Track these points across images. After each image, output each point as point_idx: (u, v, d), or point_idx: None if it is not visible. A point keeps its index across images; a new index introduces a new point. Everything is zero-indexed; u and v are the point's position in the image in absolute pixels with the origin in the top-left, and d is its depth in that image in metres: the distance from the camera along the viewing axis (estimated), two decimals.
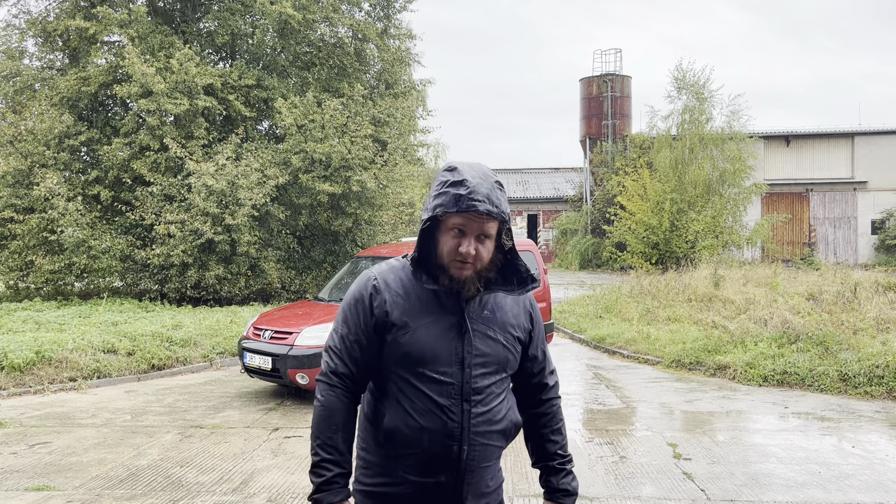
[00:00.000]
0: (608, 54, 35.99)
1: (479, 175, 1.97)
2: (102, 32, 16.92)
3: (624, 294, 15.93)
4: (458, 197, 1.92)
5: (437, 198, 1.96)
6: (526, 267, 2.08)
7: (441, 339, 1.97)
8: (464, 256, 1.93)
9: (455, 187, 1.93)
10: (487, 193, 1.93)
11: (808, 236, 33.89)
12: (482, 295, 2.04)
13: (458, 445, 1.95)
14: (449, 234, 1.96)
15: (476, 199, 1.91)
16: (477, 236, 1.95)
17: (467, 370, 1.97)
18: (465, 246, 1.93)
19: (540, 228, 38.60)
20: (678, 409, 7.82)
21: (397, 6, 20.31)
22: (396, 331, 1.97)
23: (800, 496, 5.10)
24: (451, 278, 1.96)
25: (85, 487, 5.37)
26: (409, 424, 1.94)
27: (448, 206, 1.92)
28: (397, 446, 1.97)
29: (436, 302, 2.00)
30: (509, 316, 2.10)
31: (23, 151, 16.40)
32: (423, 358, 1.95)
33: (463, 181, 1.93)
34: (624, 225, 26.88)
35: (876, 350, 8.82)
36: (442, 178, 1.99)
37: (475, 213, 1.91)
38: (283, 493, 5.23)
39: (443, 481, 1.97)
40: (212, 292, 15.81)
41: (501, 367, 2.04)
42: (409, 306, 1.99)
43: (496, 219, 1.95)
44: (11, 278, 16.68)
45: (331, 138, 16.44)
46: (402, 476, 1.98)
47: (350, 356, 2.02)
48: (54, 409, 7.91)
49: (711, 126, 27.07)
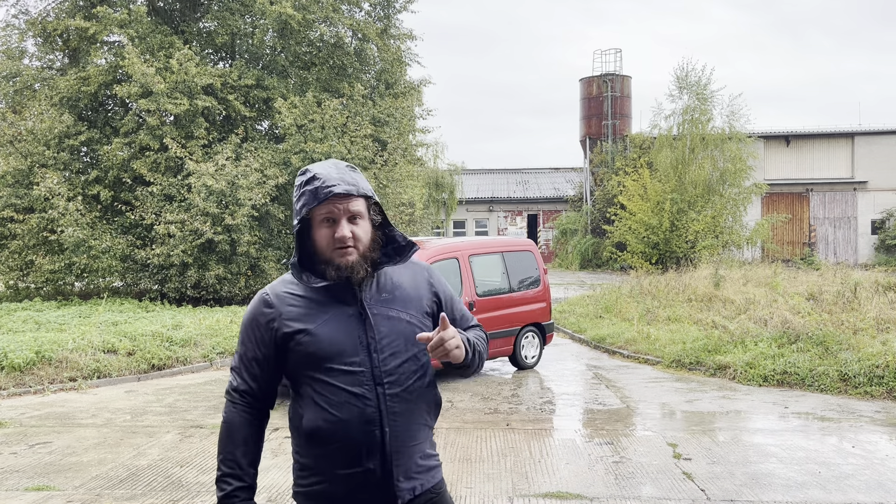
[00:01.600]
0: (608, 54, 35.99)
1: (328, 165, 2.06)
2: (102, 32, 16.92)
3: (624, 294, 15.93)
4: (315, 191, 1.99)
5: (299, 200, 2.03)
6: (403, 236, 2.14)
7: (342, 332, 2.00)
8: (342, 240, 1.98)
9: (310, 184, 2.01)
10: (340, 177, 2.01)
11: (808, 236, 33.89)
12: (374, 278, 2.07)
13: (379, 430, 1.97)
14: (321, 227, 2.01)
15: (331, 184, 1.98)
16: (348, 219, 2.00)
17: (374, 354, 1.99)
18: (339, 231, 1.99)
19: (540, 228, 38.60)
20: (678, 409, 7.82)
21: (397, 6, 20.32)
22: (296, 337, 2.00)
23: (800, 496, 5.10)
24: (338, 268, 1.99)
25: (85, 487, 5.37)
26: (327, 419, 1.96)
27: (310, 202, 1.99)
28: (321, 443, 1.99)
29: (331, 298, 2.03)
30: (409, 292, 2.12)
31: (23, 151, 16.41)
32: (329, 354, 1.97)
33: (314, 176, 2.02)
34: (624, 225, 26.87)
35: (876, 350, 8.82)
36: (297, 183, 2.07)
37: (335, 196, 1.97)
38: (283, 493, 5.23)
39: (371, 468, 1.99)
40: (212, 292, 15.81)
41: (410, 344, 2.05)
42: (304, 310, 2.02)
43: (358, 196, 2.01)
44: (11, 278, 16.69)
45: (330, 138, 16.44)
46: (332, 472, 2.00)
47: (249, 373, 2.07)
48: (54, 409, 7.91)
49: (712, 126, 27.07)
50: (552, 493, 5.19)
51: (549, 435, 6.86)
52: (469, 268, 9.40)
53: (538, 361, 10.33)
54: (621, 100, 34.84)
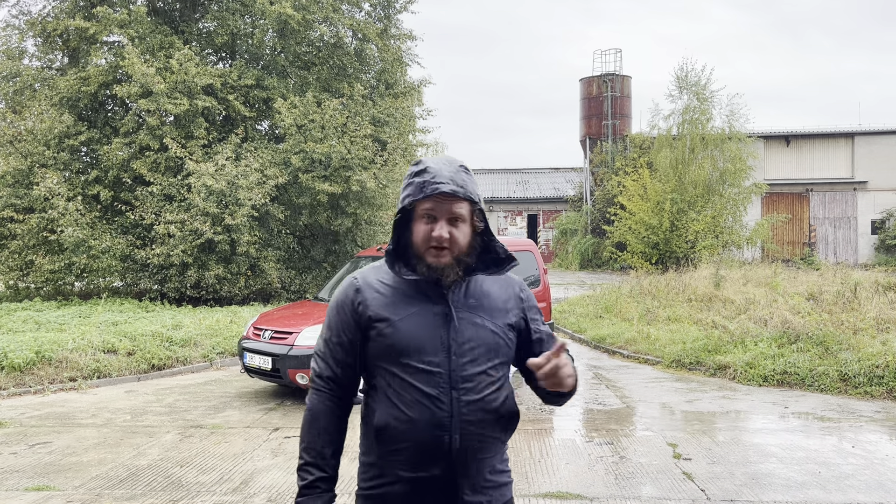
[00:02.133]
0: (608, 54, 35.99)
1: (442, 161, 2.03)
2: (102, 32, 16.92)
3: (624, 294, 15.93)
4: (422, 184, 1.97)
5: (405, 190, 2.01)
6: (503, 247, 2.08)
7: (425, 329, 1.96)
8: (437, 241, 1.95)
9: (419, 176, 1.99)
10: (451, 176, 1.97)
11: (808, 236, 33.89)
12: (465, 282, 2.04)
13: (448, 435, 1.91)
14: (420, 221, 1.98)
15: (439, 181, 1.95)
16: (448, 220, 1.96)
17: (454, 358, 1.95)
18: (437, 230, 1.95)
19: (540, 228, 38.59)
20: (678, 409, 7.81)
21: (397, 6, 20.31)
22: (378, 325, 1.97)
23: (800, 496, 5.10)
24: (429, 266, 1.97)
25: (85, 487, 5.37)
26: (397, 417, 1.92)
27: (414, 194, 1.97)
28: (389, 442, 1.94)
29: (419, 293, 2.00)
30: (497, 302, 2.08)
31: (23, 151, 16.41)
32: (408, 349, 1.94)
33: (425, 169, 1.99)
34: (624, 225, 26.88)
35: (876, 350, 8.82)
36: (408, 174, 2.05)
37: (440, 195, 1.94)
38: (283, 493, 5.23)
39: (437, 475, 1.93)
40: (212, 292, 15.81)
41: (493, 353, 2.01)
42: (391, 300, 1.99)
43: (463, 199, 1.97)
44: (11, 278, 16.69)
45: (330, 138, 16.44)
46: (396, 474, 1.95)
47: (334, 358, 2.04)
48: (54, 409, 7.91)
49: (712, 126, 27.08)
50: (552, 493, 5.19)
51: (549, 435, 6.86)
52: None
53: None
54: (621, 100, 34.84)
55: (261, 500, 5.09)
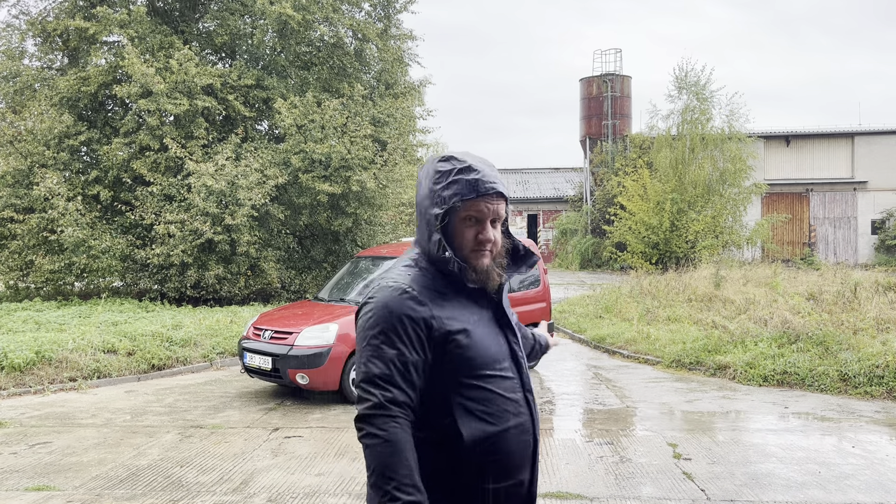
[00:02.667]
0: (608, 54, 35.98)
1: (481, 159, 1.94)
2: (102, 32, 16.92)
3: (624, 294, 15.93)
4: (474, 182, 1.85)
5: (449, 187, 1.86)
6: (522, 244, 2.05)
7: (491, 335, 1.90)
8: (484, 244, 1.87)
9: (466, 174, 1.86)
10: (496, 175, 1.90)
11: (808, 236, 33.88)
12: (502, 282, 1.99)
13: (532, 438, 1.91)
14: (464, 223, 1.88)
15: (492, 180, 1.87)
16: (491, 221, 1.89)
17: (521, 361, 1.94)
18: (485, 232, 1.87)
19: (540, 228, 38.59)
20: (678, 409, 7.81)
21: (398, 6, 20.31)
22: (457, 338, 1.83)
23: (800, 496, 5.10)
24: (475, 270, 1.88)
25: (85, 487, 5.37)
26: (488, 431, 1.81)
27: (465, 193, 1.85)
28: (482, 457, 1.81)
29: (469, 299, 1.91)
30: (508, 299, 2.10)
31: (23, 151, 16.41)
32: (486, 358, 1.86)
33: (470, 167, 1.88)
34: (624, 225, 26.87)
35: (876, 350, 8.82)
36: (443, 167, 1.90)
37: (494, 195, 1.86)
38: (283, 493, 5.23)
39: (522, 480, 1.89)
40: (211, 292, 15.81)
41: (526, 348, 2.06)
42: (454, 310, 1.86)
43: (505, 200, 1.92)
44: (11, 278, 16.68)
45: (330, 138, 16.44)
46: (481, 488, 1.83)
47: (406, 381, 1.78)
48: (54, 409, 7.91)
49: (711, 126, 27.08)
50: (552, 493, 5.19)
51: (549, 435, 6.86)
52: None
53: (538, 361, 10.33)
54: (621, 100, 34.83)
55: (261, 500, 5.09)
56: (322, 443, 6.52)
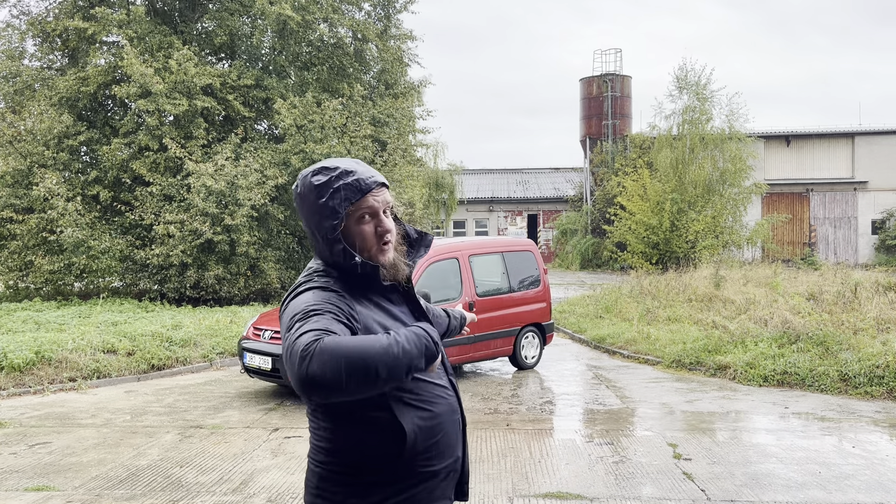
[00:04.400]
0: (608, 54, 35.99)
1: (350, 160, 1.97)
2: (101, 33, 16.93)
3: (624, 294, 15.92)
4: (356, 183, 1.87)
5: (334, 197, 1.85)
6: (413, 228, 2.08)
7: None
8: (385, 235, 1.91)
9: (343, 178, 1.88)
10: (370, 168, 1.95)
11: (808, 236, 33.88)
12: None
13: (460, 416, 2.01)
14: (360, 223, 1.89)
15: (369, 175, 1.91)
16: (383, 211, 1.92)
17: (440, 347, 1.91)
18: (383, 224, 1.90)
19: (540, 228, 38.59)
20: (678, 410, 7.81)
21: (397, 6, 20.31)
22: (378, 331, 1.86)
23: (800, 496, 5.10)
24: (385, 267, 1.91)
25: (85, 487, 5.37)
26: (424, 416, 1.89)
27: (352, 195, 1.86)
28: (422, 443, 1.88)
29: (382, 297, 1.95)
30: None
31: (22, 151, 16.41)
32: None
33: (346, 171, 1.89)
34: (624, 225, 26.87)
35: (876, 350, 8.82)
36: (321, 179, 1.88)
37: (377, 187, 1.90)
38: (283, 493, 5.23)
39: (458, 456, 2.00)
40: (211, 292, 15.81)
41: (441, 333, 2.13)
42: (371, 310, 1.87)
43: (386, 187, 1.96)
44: (11, 278, 16.68)
45: (330, 138, 16.44)
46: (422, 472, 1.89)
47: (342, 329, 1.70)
48: (54, 410, 7.91)
49: (711, 126, 27.08)
50: (552, 493, 5.18)
51: (549, 435, 6.85)
52: (469, 268, 9.39)
53: (538, 362, 10.33)
54: (621, 100, 34.83)
55: (261, 500, 5.08)
56: None
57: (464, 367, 10.36)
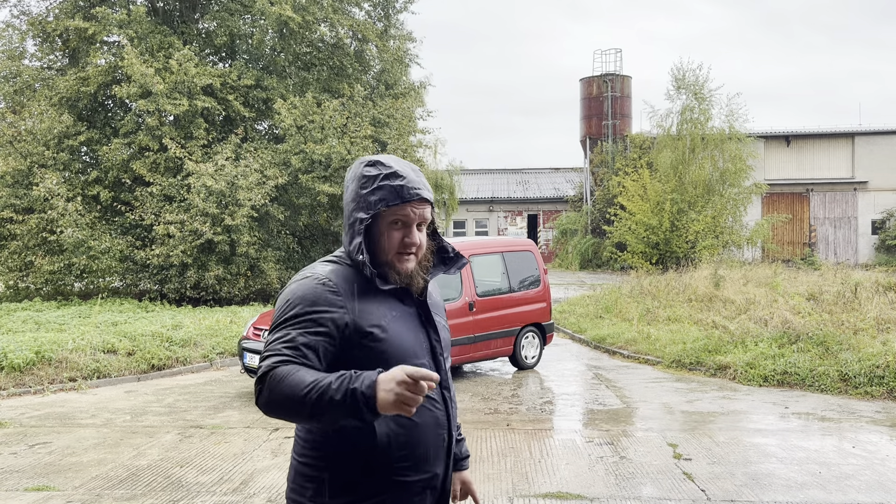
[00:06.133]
0: (608, 54, 36.00)
1: (406, 165, 1.99)
2: (102, 33, 16.94)
3: (624, 294, 15.92)
4: (399, 189, 1.91)
5: (373, 194, 1.91)
6: (452, 246, 2.10)
7: (411, 332, 1.95)
8: (409, 247, 1.93)
9: (391, 179, 1.92)
10: (421, 180, 1.96)
11: (808, 236, 33.88)
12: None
13: (446, 433, 1.98)
14: (391, 227, 1.93)
15: (416, 186, 1.92)
16: (417, 224, 1.95)
17: (439, 358, 2.00)
18: (411, 236, 1.93)
19: (540, 228, 38.59)
20: (678, 410, 7.81)
21: (397, 6, 20.32)
22: (372, 333, 1.86)
23: (800, 496, 5.10)
24: (399, 273, 1.94)
25: (85, 487, 5.37)
26: (402, 424, 1.86)
27: (390, 199, 1.90)
28: (396, 450, 1.87)
29: (394, 297, 1.96)
30: (438, 298, 2.17)
31: (22, 151, 16.41)
32: (402, 354, 1.88)
33: (396, 173, 1.93)
34: (624, 225, 26.86)
35: (876, 350, 8.82)
36: (369, 173, 1.95)
37: (418, 200, 1.92)
38: (283, 493, 5.23)
39: (437, 473, 1.97)
40: (211, 293, 15.81)
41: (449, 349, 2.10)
42: (372, 305, 1.90)
43: (430, 204, 1.98)
44: (11, 278, 16.68)
45: (330, 139, 16.44)
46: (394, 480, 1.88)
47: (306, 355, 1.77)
48: (54, 410, 7.91)
49: (711, 126, 27.07)
50: (552, 493, 5.18)
51: (549, 435, 6.85)
52: (469, 268, 9.39)
53: (538, 361, 10.33)
54: (621, 100, 34.84)
55: (261, 500, 5.09)
56: None
57: (464, 367, 10.37)
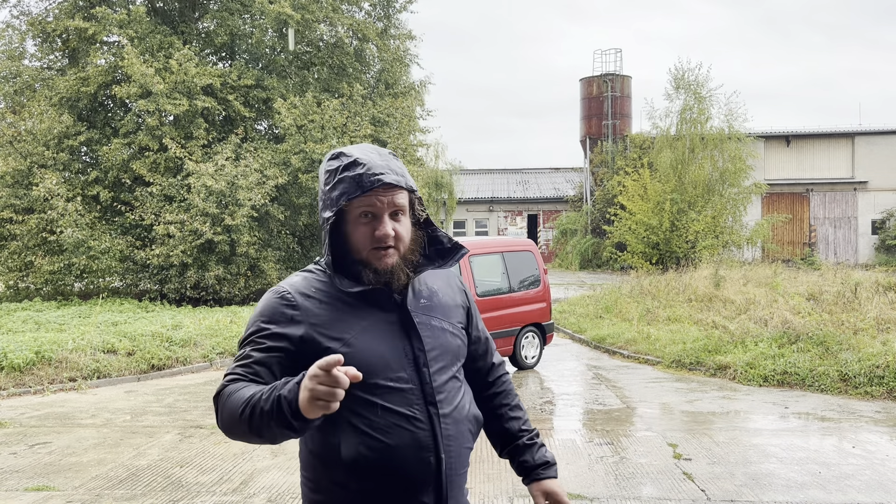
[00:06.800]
0: (608, 54, 36.01)
1: (369, 150, 1.78)
2: (102, 33, 16.94)
3: (624, 294, 15.92)
4: (358, 178, 1.70)
5: (335, 188, 1.72)
6: (448, 236, 1.87)
7: (385, 342, 1.72)
8: (383, 240, 1.71)
9: (350, 169, 1.71)
10: (387, 164, 1.74)
11: (808, 236, 33.88)
12: (413, 282, 1.81)
13: (434, 457, 1.71)
14: (357, 222, 1.73)
15: (377, 171, 1.70)
16: (390, 214, 1.73)
17: (424, 369, 1.73)
18: (381, 228, 1.71)
19: (540, 228, 38.59)
20: (678, 410, 7.81)
21: (397, 6, 20.33)
22: (330, 346, 1.67)
23: (800, 496, 5.10)
24: (376, 271, 1.72)
25: (85, 487, 5.37)
26: (372, 447, 1.65)
27: (350, 191, 1.70)
28: (364, 477, 1.67)
29: (365, 302, 1.74)
30: (446, 298, 1.89)
31: (22, 152, 16.41)
32: (371, 368, 1.66)
33: (355, 161, 1.73)
34: (624, 225, 26.86)
35: (876, 350, 8.82)
36: (329, 167, 1.77)
37: (382, 187, 1.69)
38: (283, 493, 5.23)
39: (427, 501, 1.72)
40: (211, 292, 15.81)
41: (454, 357, 1.82)
42: (337, 316, 1.71)
43: (404, 189, 1.74)
44: (11, 278, 16.69)
45: (330, 138, 16.44)
46: None
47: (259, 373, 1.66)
48: (54, 409, 7.91)
49: (710, 125, 27.07)
50: None
51: (549, 435, 6.85)
52: (469, 268, 9.40)
53: (538, 361, 10.33)
54: (621, 100, 34.84)
55: (261, 500, 5.09)
56: None
57: None
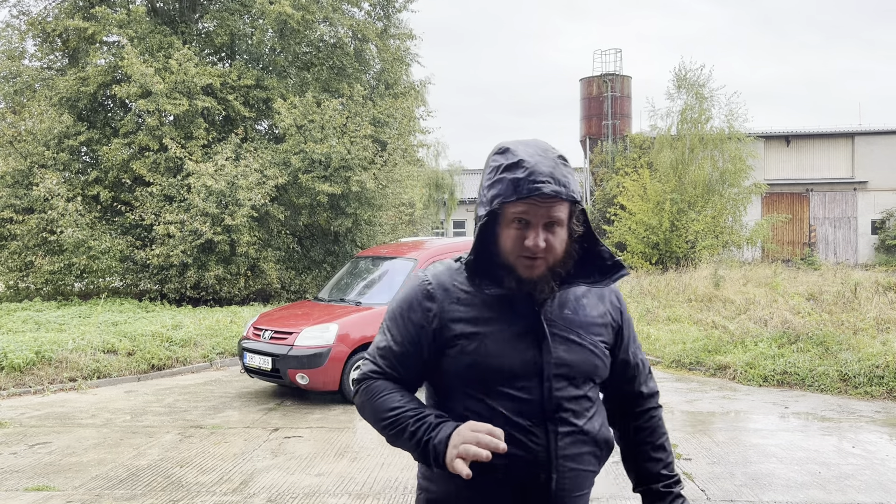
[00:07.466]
0: (608, 54, 36.01)
1: (538, 152, 1.67)
2: (101, 33, 16.93)
3: (623, 294, 15.93)
4: (516, 182, 1.61)
5: (493, 187, 1.65)
6: (610, 253, 1.75)
7: (514, 349, 1.66)
8: (531, 251, 1.62)
9: (511, 171, 1.63)
10: (551, 172, 1.63)
11: (808, 236, 33.88)
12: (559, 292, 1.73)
13: (545, 474, 1.64)
14: (510, 226, 1.65)
15: (538, 180, 1.60)
16: (544, 225, 1.64)
17: (547, 384, 1.66)
18: (531, 238, 1.62)
19: None
20: (678, 409, 7.81)
21: (397, 5, 20.32)
22: (459, 343, 1.67)
23: (800, 496, 5.10)
24: (520, 280, 1.65)
25: (85, 487, 5.37)
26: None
27: (506, 194, 1.62)
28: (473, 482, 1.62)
29: (505, 305, 1.69)
30: (594, 314, 1.78)
31: (22, 152, 16.40)
32: (495, 370, 1.65)
33: (519, 162, 1.63)
34: (624, 225, 26.86)
35: (876, 350, 8.82)
36: (493, 163, 1.69)
37: (539, 197, 1.60)
38: (283, 493, 5.23)
39: None
40: (211, 292, 15.81)
41: (588, 376, 1.72)
42: (473, 313, 1.69)
43: (565, 200, 1.65)
44: (11, 278, 16.68)
45: (330, 139, 16.44)
46: None
47: (394, 366, 1.74)
48: (54, 409, 7.91)
49: (711, 126, 27.07)
50: None
51: None
52: None
53: None
54: (621, 100, 34.84)
55: (261, 501, 5.09)
56: (322, 443, 6.52)
57: None
